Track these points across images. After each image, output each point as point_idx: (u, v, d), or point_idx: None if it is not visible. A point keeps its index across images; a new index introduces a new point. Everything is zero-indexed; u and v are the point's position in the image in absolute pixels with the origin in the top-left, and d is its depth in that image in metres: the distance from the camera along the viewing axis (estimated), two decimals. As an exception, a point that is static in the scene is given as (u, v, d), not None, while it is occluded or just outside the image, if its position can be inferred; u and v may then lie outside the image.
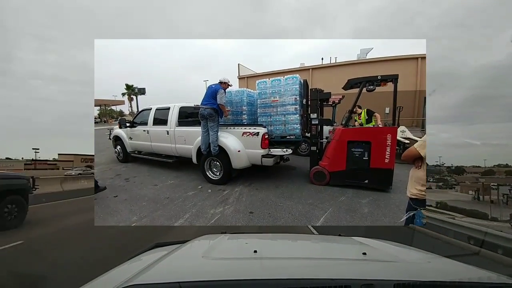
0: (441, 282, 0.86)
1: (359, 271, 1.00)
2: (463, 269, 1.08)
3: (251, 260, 1.07)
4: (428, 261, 1.16)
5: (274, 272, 0.94)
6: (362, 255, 1.15)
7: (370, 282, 0.78)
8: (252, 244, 1.43)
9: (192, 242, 1.42)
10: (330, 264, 1.09)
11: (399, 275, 0.94)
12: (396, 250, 1.33)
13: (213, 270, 0.95)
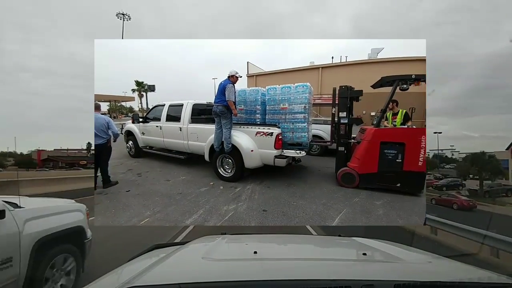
0: (441, 282, 0.86)
1: (359, 271, 1.00)
2: (463, 269, 1.07)
3: (251, 261, 1.07)
4: (428, 261, 1.15)
5: (274, 273, 0.94)
6: (362, 255, 1.15)
7: (370, 282, 0.78)
8: (252, 245, 1.43)
9: (192, 243, 1.42)
10: (330, 264, 1.09)
11: (399, 275, 0.94)
12: (396, 250, 1.32)
13: (213, 271, 0.95)
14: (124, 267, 1.11)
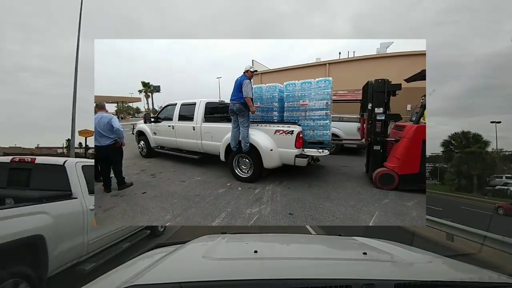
0: (441, 282, 0.85)
1: (359, 271, 0.99)
2: (463, 269, 1.08)
3: (252, 260, 1.07)
4: (428, 261, 1.14)
5: (274, 272, 0.93)
6: (363, 255, 1.14)
7: (370, 282, 0.77)
8: (252, 244, 1.43)
9: (192, 243, 1.41)
10: (330, 264, 1.09)
11: (400, 275, 0.94)
12: (396, 250, 1.31)
13: (213, 271, 0.95)
14: (125, 266, 1.11)
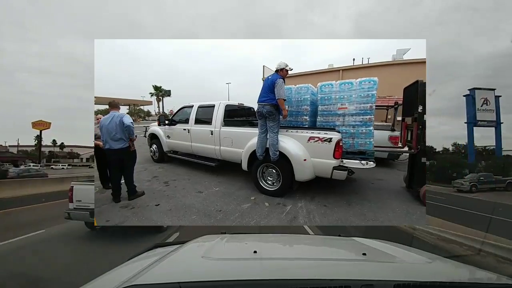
0: (441, 282, 0.84)
1: (359, 271, 0.98)
2: (463, 269, 1.09)
3: (251, 260, 1.06)
4: (428, 261, 1.11)
5: (274, 272, 0.93)
6: (362, 255, 1.12)
7: (370, 282, 0.77)
8: (252, 244, 1.43)
9: (192, 243, 1.40)
10: (330, 264, 1.08)
11: (399, 275, 0.93)
12: (396, 250, 1.30)
13: (213, 271, 0.94)
14: (124, 266, 1.10)
